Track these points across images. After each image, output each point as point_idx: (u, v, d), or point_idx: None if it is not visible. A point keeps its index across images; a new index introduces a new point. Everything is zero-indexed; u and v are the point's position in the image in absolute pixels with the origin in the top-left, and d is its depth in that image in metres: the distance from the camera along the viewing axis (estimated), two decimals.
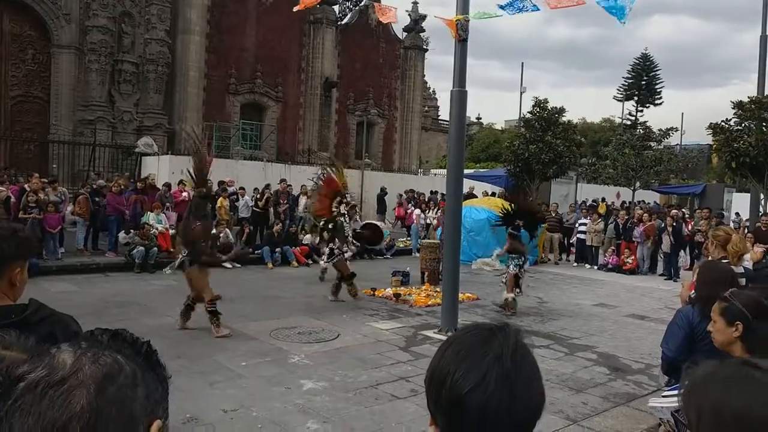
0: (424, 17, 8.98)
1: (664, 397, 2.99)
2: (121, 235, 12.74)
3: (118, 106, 21.70)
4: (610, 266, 15.40)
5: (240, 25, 25.13)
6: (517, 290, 9.63)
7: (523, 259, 9.77)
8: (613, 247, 15.77)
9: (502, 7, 6.96)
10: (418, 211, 16.86)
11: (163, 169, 17.07)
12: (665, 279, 14.39)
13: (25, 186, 11.92)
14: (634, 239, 15.25)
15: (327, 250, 10.05)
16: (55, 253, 11.67)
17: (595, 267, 15.75)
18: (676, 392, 2.48)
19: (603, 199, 24.65)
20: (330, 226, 9.81)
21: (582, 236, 16.26)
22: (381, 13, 8.81)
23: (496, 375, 0.96)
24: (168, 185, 14.67)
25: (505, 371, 0.96)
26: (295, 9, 8.69)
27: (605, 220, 16.51)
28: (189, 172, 8.23)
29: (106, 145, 20.11)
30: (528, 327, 8.61)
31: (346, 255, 9.93)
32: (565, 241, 17.61)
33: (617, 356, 7.28)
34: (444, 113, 51.81)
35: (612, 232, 15.81)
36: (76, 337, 1.78)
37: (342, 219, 9.79)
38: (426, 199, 19.05)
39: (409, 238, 17.82)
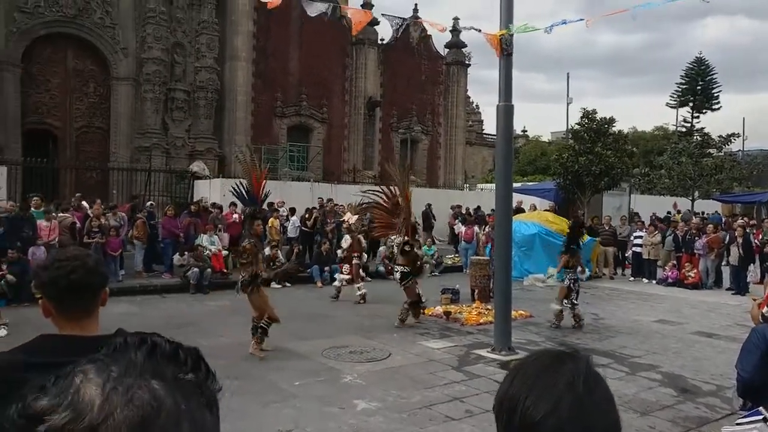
0: (472, 29, 8.93)
1: (738, 424, 2.83)
2: (176, 257, 13.11)
3: (171, 133, 22.50)
4: (670, 281, 14.76)
5: (284, 50, 25.75)
6: (566, 302, 9.43)
7: (577, 271, 9.64)
8: (673, 261, 15.16)
9: (547, 29, 6.90)
10: (476, 228, 16.64)
11: (215, 192, 17.52)
12: (732, 294, 13.64)
13: (89, 212, 12.45)
14: (695, 252, 14.63)
15: (398, 273, 9.66)
16: (116, 275, 12.09)
17: (654, 281, 15.16)
18: (753, 417, 2.34)
19: (678, 210, 23.37)
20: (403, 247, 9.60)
21: (638, 249, 15.73)
22: (433, 27, 8.92)
23: (569, 402, 0.92)
24: (220, 207, 15.04)
25: (578, 398, 0.92)
26: (354, 33, 8.88)
27: (664, 232, 15.93)
28: (238, 190, 8.19)
29: (160, 170, 20.84)
30: (585, 344, 8.35)
31: (417, 278, 9.67)
32: (620, 255, 17.08)
33: (684, 376, 6.95)
34: (488, 127, 51.46)
35: (671, 244, 15.23)
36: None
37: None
38: (472, 214, 18.84)
39: (457, 255, 17.65)
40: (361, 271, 12.01)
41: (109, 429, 0.58)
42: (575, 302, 9.49)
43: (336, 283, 11.85)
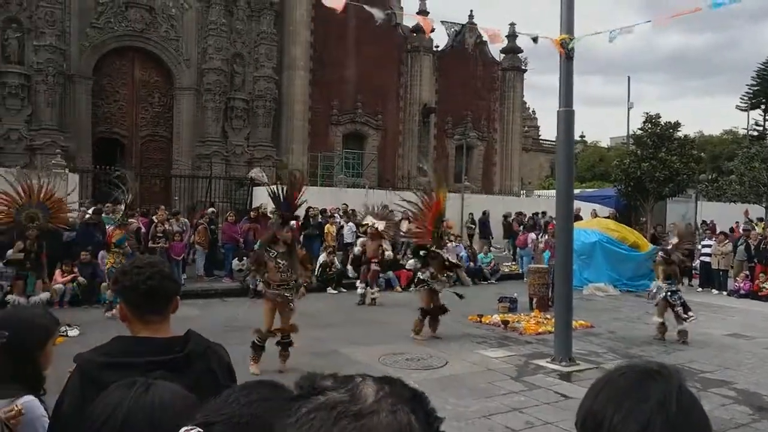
0: (535, 38, 8.76)
1: None
2: (235, 262, 13.43)
3: (230, 141, 23.14)
4: (742, 292, 13.99)
5: (341, 59, 26.08)
6: (690, 315, 9.10)
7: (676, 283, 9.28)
8: (746, 272, 14.37)
9: (611, 38, 6.71)
10: (533, 235, 16.30)
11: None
12: None
13: (153, 218, 12.93)
14: None
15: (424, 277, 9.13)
16: (179, 279, 12.50)
17: (724, 293, 14.42)
18: None
19: (749, 219, 22.04)
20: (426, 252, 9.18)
21: (707, 259, 15.02)
22: (491, 39, 8.83)
23: (661, 423, 0.87)
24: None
25: (670, 419, 0.87)
26: (427, 35, 8.87)
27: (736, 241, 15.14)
28: (277, 193, 7.88)
29: (220, 177, 21.44)
30: (651, 357, 8.01)
31: (436, 286, 9.06)
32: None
33: (760, 394, 6.56)
34: (545, 133, 50.54)
35: (743, 254, 14.46)
36: (230, 369, 1.89)
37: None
38: (532, 222, 18.47)
39: (514, 263, 17.36)
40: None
41: (372, 422, 0.69)
42: (684, 316, 9.07)
43: (359, 291, 11.77)
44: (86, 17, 20.73)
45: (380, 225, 11.80)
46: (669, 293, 9.09)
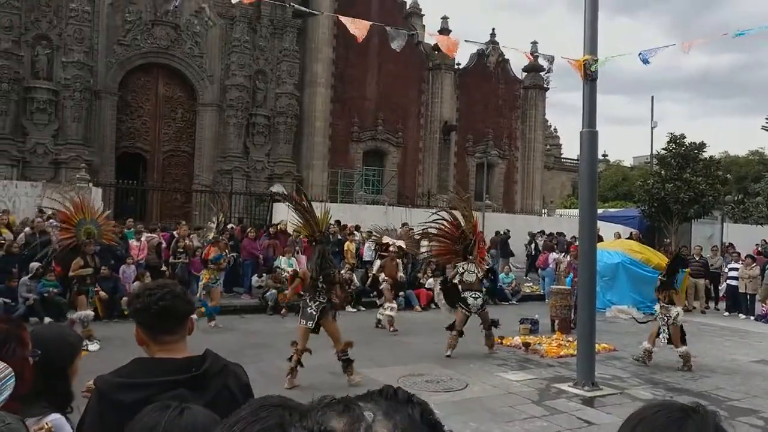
0: (551, 59, 8.72)
1: None
2: (254, 278, 13.45)
3: (251, 156, 23.34)
4: None
5: (362, 76, 26.27)
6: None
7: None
8: None
9: (644, 61, 6.63)
10: (554, 254, 16.07)
11: (293, 215, 17.90)
12: None
13: (174, 233, 13.02)
14: None
15: (479, 300, 9.19)
16: (192, 299, 12.52)
17: (752, 317, 14.06)
18: None
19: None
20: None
21: (733, 282, 14.67)
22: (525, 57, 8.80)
23: None
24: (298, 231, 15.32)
25: None
26: (451, 56, 8.86)
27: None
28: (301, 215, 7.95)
29: (241, 192, 21.60)
30: (676, 384, 7.81)
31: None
32: (711, 288, 15.99)
33: None
34: (567, 151, 50.23)
35: None
36: (247, 388, 1.89)
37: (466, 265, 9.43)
38: (555, 242, 18.23)
39: (536, 284, 17.13)
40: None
41: None
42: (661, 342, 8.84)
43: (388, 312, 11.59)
44: (114, 34, 21.19)
45: (401, 243, 11.74)
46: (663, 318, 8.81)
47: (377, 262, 12.15)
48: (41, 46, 20.00)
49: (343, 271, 13.35)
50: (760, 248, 18.18)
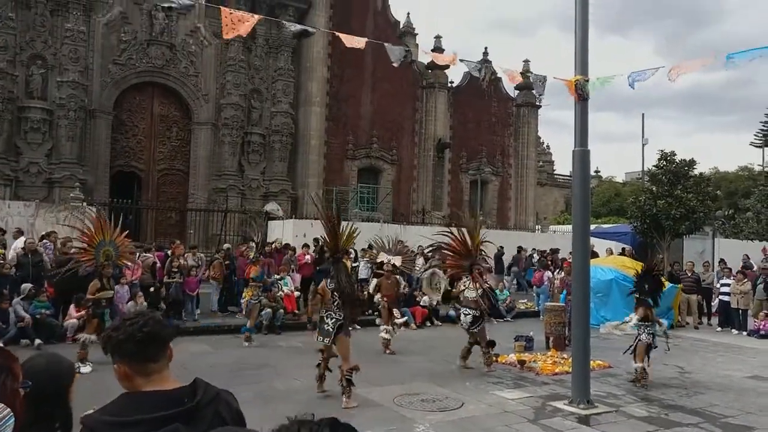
0: (543, 80, 8.85)
1: None
2: None
3: (246, 174, 23.40)
4: (762, 332, 13.73)
5: (356, 94, 26.50)
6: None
7: (656, 327, 9.01)
8: (765, 311, 14.11)
9: (631, 85, 6.77)
10: (549, 273, 16.15)
11: (288, 233, 17.94)
12: None
13: (168, 252, 13.00)
14: None
15: (469, 317, 9.45)
16: (193, 315, 12.49)
17: (744, 333, 14.14)
18: None
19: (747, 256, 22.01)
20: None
21: (725, 298, 14.77)
22: (510, 79, 8.97)
23: None
24: (293, 249, 15.33)
25: None
26: (454, 64, 8.98)
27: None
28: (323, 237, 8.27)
29: (235, 211, 21.61)
30: (671, 401, 7.84)
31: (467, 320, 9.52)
32: (704, 303, 16.07)
33: None
34: (559, 167, 50.58)
35: (762, 293, 14.21)
36: (239, 415, 1.87)
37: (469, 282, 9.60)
38: (550, 260, 18.29)
39: (530, 301, 17.17)
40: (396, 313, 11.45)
41: None
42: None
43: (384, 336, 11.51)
44: (109, 54, 21.31)
45: (396, 261, 11.74)
46: (651, 336, 8.82)
47: (373, 281, 12.13)
48: (36, 65, 20.08)
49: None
50: (743, 263, 18.33)
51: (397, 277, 11.88)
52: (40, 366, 2.19)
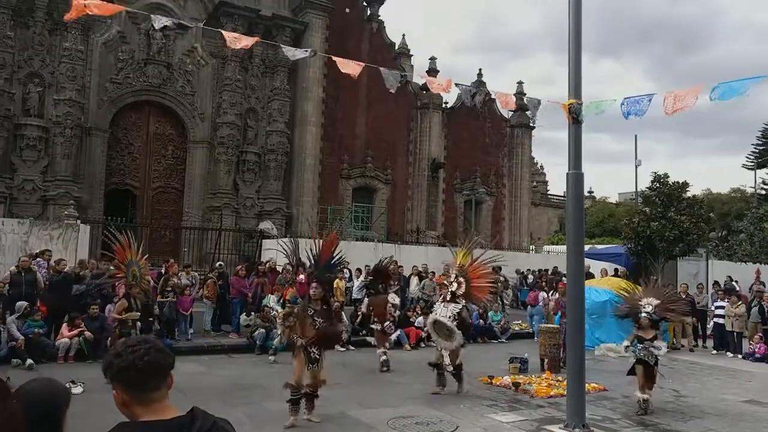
0: (537, 104, 8.99)
1: None
2: (243, 317, 13.32)
3: (241, 193, 23.41)
4: (758, 356, 13.69)
5: (351, 114, 26.67)
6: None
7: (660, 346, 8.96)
8: (760, 334, 14.10)
9: (626, 116, 6.84)
10: (543, 294, 16.13)
11: (282, 252, 17.86)
12: None
13: (162, 270, 12.93)
14: None
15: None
16: (186, 334, 12.38)
17: (740, 356, 14.11)
18: None
19: (761, 282, 21.64)
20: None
21: (720, 321, 14.77)
22: (503, 104, 9.03)
23: None
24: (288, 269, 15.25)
25: None
26: (448, 90, 9.06)
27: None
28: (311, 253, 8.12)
29: (230, 229, 21.58)
30: (667, 426, 7.79)
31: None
32: (699, 326, 16.06)
33: None
34: (553, 188, 50.87)
35: (756, 316, 14.21)
36: None
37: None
38: (544, 281, 18.27)
39: (524, 322, 17.11)
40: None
41: None
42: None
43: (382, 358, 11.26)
44: (106, 72, 21.41)
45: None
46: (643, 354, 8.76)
47: (366, 300, 12.07)
48: (33, 83, 20.15)
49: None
50: (726, 285, 18.34)
51: (388, 297, 11.79)
52: (36, 391, 2.16)
